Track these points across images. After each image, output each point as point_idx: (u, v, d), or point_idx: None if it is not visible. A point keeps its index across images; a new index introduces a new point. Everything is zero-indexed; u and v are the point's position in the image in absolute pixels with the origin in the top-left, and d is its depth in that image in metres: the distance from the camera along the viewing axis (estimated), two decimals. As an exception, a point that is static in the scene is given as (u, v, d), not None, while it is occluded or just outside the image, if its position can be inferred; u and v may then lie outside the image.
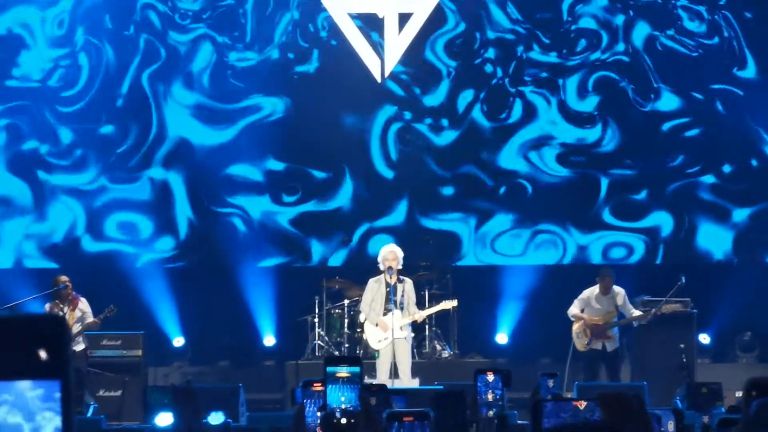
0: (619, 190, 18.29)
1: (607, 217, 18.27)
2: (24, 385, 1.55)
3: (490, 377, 7.18)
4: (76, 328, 14.45)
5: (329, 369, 5.95)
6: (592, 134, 18.40)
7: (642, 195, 18.27)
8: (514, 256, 18.24)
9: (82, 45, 18.11)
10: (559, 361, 15.86)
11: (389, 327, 14.18)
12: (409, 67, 18.34)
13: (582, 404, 4.76)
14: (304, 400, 6.53)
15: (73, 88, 18.07)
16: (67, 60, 18.11)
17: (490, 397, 7.16)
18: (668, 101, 18.33)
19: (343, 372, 5.86)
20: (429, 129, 18.35)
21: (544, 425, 4.52)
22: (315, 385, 6.32)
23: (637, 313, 15.40)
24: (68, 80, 18.07)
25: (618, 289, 15.40)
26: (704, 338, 17.14)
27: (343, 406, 5.72)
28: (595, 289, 15.40)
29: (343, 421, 5.47)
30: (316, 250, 18.16)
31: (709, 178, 18.28)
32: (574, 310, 15.35)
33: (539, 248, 18.27)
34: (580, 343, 15.34)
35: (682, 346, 15.65)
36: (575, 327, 15.38)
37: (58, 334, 1.56)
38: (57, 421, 1.59)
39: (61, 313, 14.54)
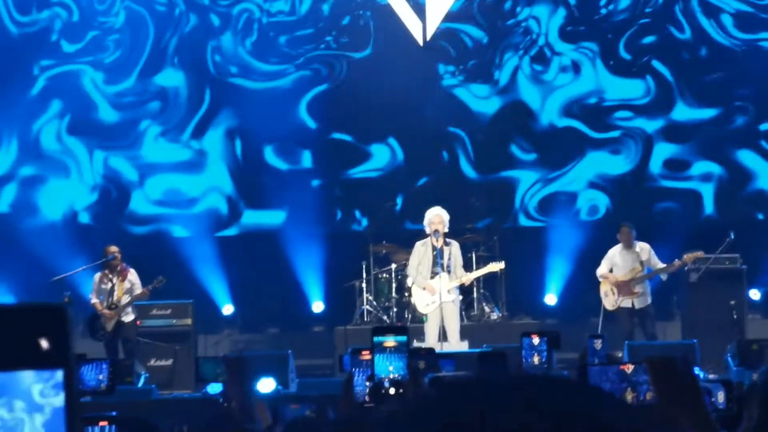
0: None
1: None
2: (26, 375, 1.55)
3: (536, 340, 7.11)
4: (125, 299, 14.54)
5: (376, 339, 5.92)
6: (633, 90, 18.30)
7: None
8: (560, 215, 18.19)
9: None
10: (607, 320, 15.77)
11: (437, 290, 14.15)
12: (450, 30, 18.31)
13: (629, 368, 4.72)
14: (353, 369, 6.52)
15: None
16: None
17: (536, 360, 7.10)
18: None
19: (390, 341, 5.85)
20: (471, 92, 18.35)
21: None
22: (363, 353, 6.31)
23: (661, 265, 15.08)
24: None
25: (642, 245, 15.17)
26: (755, 294, 17.00)
27: (391, 376, 5.71)
28: (618, 246, 15.24)
29: (392, 391, 5.46)
30: (362, 214, 18.21)
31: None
32: (600, 269, 15.17)
33: (588, 204, 18.27)
34: (608, 302, 15.12)
35: (732, 302, 15.54)
36: (602, 287, 15.19)
37: (60, 323, 1.55)
38: (60, 410, 1.59)
39: (110, 285, 14.65)
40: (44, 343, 1.52)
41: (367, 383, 6.09)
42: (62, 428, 1.55)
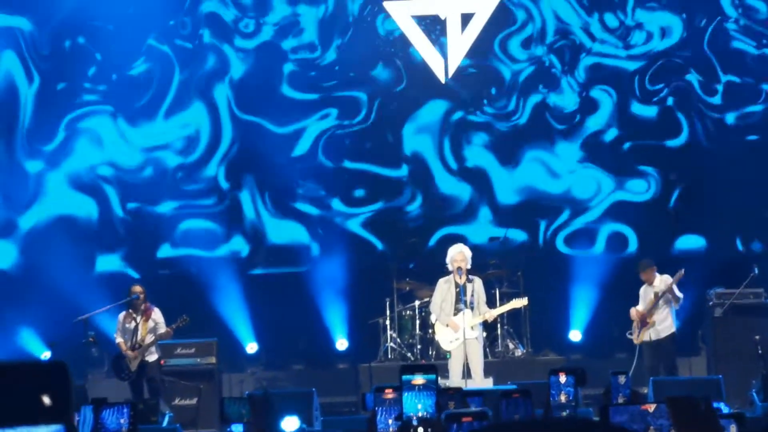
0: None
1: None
2: (28, 431, 1.58)
3: (563, 378, 7.09)
4: (149, 338, 14.57)
5: (405, 377, 5.91)
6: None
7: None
8: (584, 250, 18.16)
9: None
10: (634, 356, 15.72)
11: (460, 327, 14.13)
12: (473, 66, 18.36)
13: (651, 407, 4.70)
14: (376, 407, 6.51)
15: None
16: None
17: (563, 398, 7.08)
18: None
19: (419, 379, 5.83)
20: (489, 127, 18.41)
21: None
22: (387, 391, 6.31)
23: (661, 287, 15.09)
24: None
25: (664, 278, 15.21)
26: (780, 329, 16.91)
27: (420, 414, 5.69)
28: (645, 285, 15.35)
29: (420, 430, 5.46)
30: (387, 251, 18.21)
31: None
32: (636, 308, 15.28)
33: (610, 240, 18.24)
34: (634, 337, 15.24)
35: (756, 337, 15.47)
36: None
37: (61, 380, 1.58)
38: None
39: (133, 324, 14.68)
40: (46, 400, 1.54)
41: (390, 422, 6.08)
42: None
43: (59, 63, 18.26)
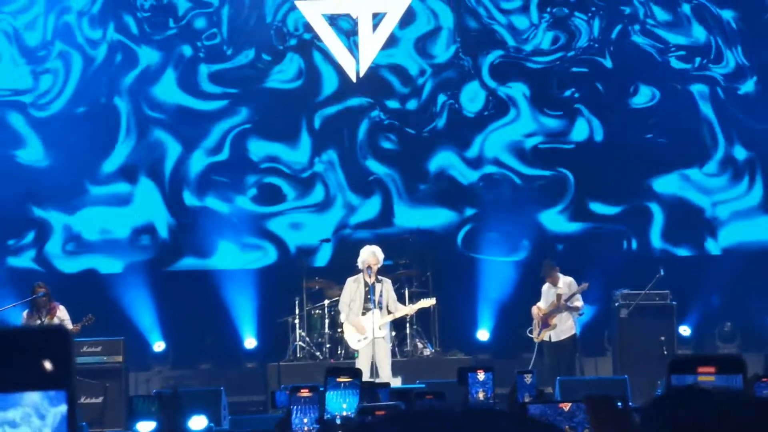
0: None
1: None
2: (30, 397, 1.58)
3: (481, 375, 7.08)
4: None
5: (330, 377, 5.85)
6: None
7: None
8: (494, 252, 18.28)
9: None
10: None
11: (366, 330, 14.16)
12: (383, 65, 18.40)
13: (567, 406, 4.74)
14: (292, 406, 6.46)
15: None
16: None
17: (481, 395, 7.07)
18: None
19: (344, 377, 5.79)
20: (400, 126, 18.45)
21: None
22: (303, 391, 6.26)
23: (565, 291, 15.25)
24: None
25: (567, 279, 15.38)
26: (684, 330, 17.17)
27: (344, 413, 5.66)
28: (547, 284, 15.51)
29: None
30: (295, 250, 18.17)
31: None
32: (537, 304, 15.45)
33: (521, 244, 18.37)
34: (534, 336, 15.42)
35: (662, 338, 15.68)
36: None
37: (63, 346, 1.58)
38: (63, 430, 1.62)
39: (38, 322, 14.49)
40: (48, 365, 1.54)
41: (305, 421, 6.04)
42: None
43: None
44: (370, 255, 14.26)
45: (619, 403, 3.96)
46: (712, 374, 2.71)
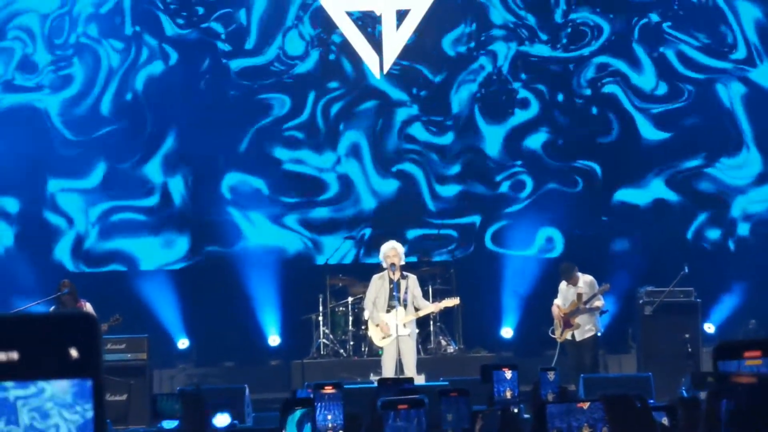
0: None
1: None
2: (56, 385, 1.58)
3: (508, 374, 7.05)
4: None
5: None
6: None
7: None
8: (519, 249, 18.26)
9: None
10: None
11: (389, 330, 14.10)
12: (408, 63, 18.39)
13: (585, 405, 4.72)
14: (315, 403, 6.47)
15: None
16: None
17: (508, 394, 7.04)
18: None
19: (329, 387, 5.78)
20: (425, 126, 18.43)
21: (548, 428, 4.49)
22: (326, 388, 6.26)
23: (586, 290, 15.18)
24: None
25: (587, 278, 15.29)
26: (709, 327, 17.10)
27: (330, 425, 5.66)
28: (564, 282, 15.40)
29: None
30: (320, 247, 18.19)
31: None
32: (555, 302, 15.35)
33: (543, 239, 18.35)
34: (556, 336, 15.31)
35: (686, 335, 15.63)
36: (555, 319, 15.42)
37: (90, 333, 1.58)
38: (89, 419, 1.62)
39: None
40: (74, 353, 1.54)
41: (329, 417, 6.05)
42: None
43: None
44: (390, 250, 14.21)
45: (638, 403, 3.96)
46: (759, 358, 2.68)
